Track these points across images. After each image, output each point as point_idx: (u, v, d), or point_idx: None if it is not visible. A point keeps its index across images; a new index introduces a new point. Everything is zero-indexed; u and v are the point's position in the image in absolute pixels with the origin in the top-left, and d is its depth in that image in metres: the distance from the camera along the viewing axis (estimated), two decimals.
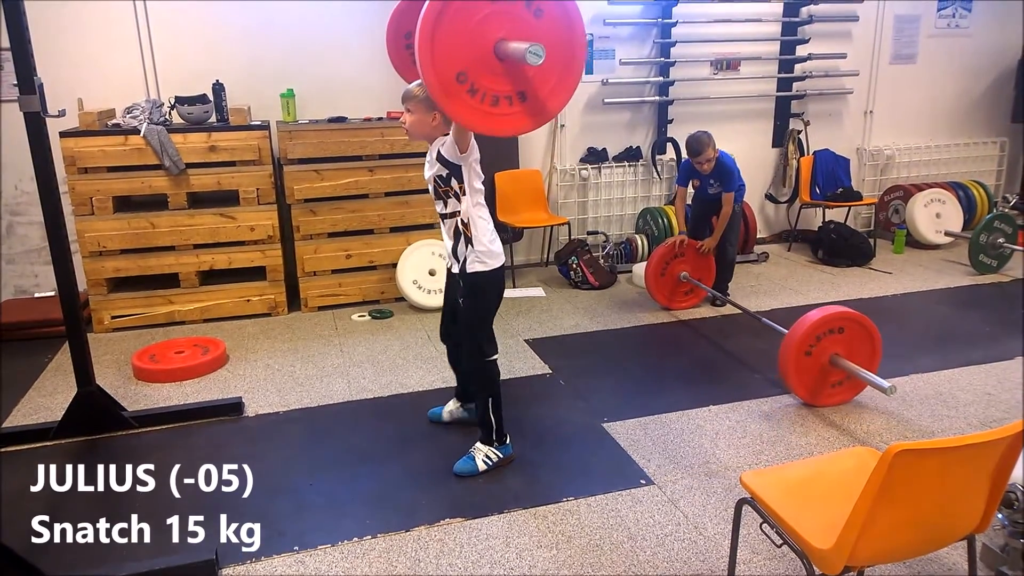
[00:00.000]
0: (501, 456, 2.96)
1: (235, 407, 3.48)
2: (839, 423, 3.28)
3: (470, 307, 2.86)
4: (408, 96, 2.74)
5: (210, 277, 4.80)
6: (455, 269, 2.87)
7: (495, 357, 2.91)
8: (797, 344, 3.30)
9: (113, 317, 4.61)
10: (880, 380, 3.13)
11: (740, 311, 4.47)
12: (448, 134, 2.67)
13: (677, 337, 4.44)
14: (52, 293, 4.84)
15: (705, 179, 4.78)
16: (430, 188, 2.83)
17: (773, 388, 3.64)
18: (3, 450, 3.15)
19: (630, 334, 4.49)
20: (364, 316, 4.82)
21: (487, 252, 2.79)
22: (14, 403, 3.64)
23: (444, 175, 2.73)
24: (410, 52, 3.08)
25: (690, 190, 5.00)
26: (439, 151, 2.71)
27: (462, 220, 2.77)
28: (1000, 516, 2.10)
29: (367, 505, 2.72)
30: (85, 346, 3.21)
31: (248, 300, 4.80)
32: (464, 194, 2.74)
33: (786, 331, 3.46)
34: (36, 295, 4.98)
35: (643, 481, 2.84)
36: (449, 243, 2.86)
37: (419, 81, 2.62)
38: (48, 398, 3.69)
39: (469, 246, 2.78)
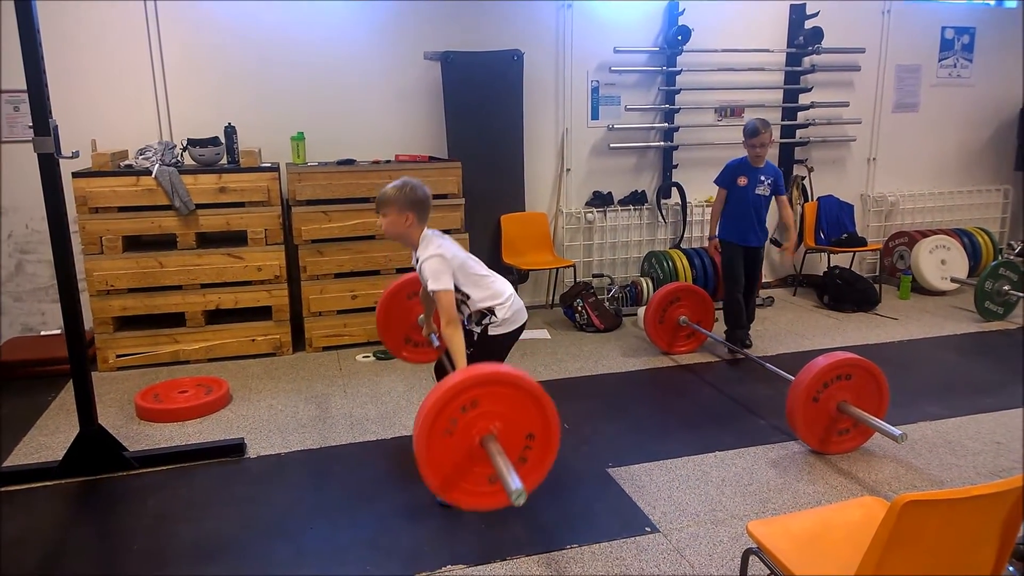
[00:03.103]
0: None
1: (237, 448, 3.46)
2: (847, 471, 3.24)
3: (476, 357, 2.92)
4: (383, 200, 2.84)
5: (216, 317, 4.81)
6: (475, 330, 2.94)
7: None
8: (805, 390, 3.28)
9: (118, 356, 4.62)
10: (891, 428, 3.10)
11: (744, 356, 4.46)
12: (419, 238, 2.85)
13: (683, 382, 4.42)
14: (58, 331, 4.87)
15: (754, 176, 4.56)
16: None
17: (779, 435, 3.60)
18: (3, 490, 3.13)
19: (635, 378, 4.47)
20: (368, 357, 4.81)
21: (508, 319, 2.92)
22: (16, 442, 3.62)
23: None
24: (408, 345, 3.64)
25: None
26: (423, 279, 2.82)
27: (479, 308, 2.88)
28: (1011, 569, 2.06)
29: (367, 550, 2.68)
30: (89, 386, 3.21)
31: (253, 340, 4.81)
32: (469, 296, 2.88)
33: (791, 377, 3.45)
34: (42, 333, 5.00)
35: (648, 529, 2.80)
36: (466, 316, 2.95)
37: (393, 184, 2.81)
38: (50, 437, 3.68)
39: (492, 316, 2.90)
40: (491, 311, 2.88)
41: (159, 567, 2.60)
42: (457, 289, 2.83)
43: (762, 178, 4.59)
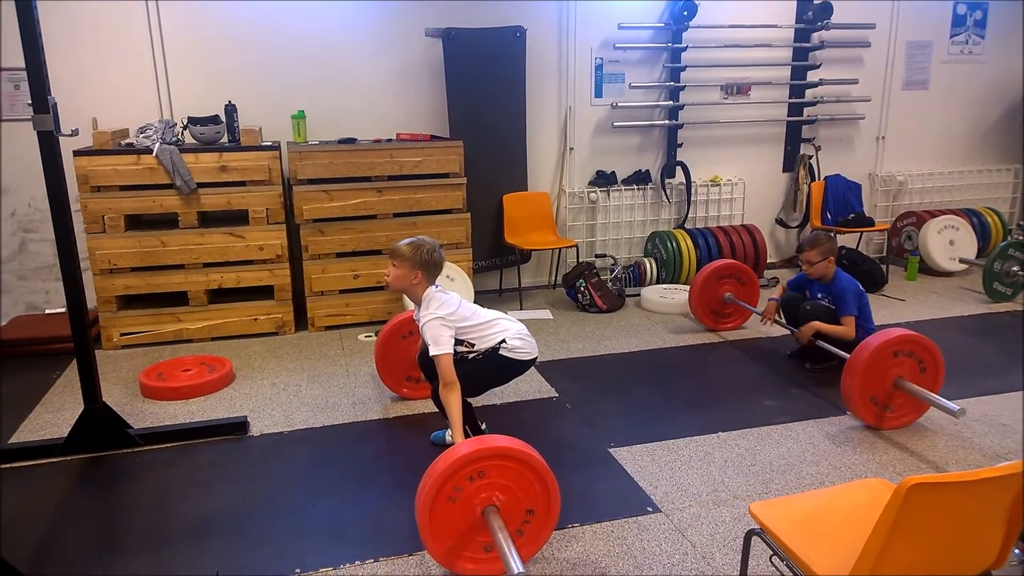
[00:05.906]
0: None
1: (240, 426, 3.46)
2: (850, 453, 3.22)
3: (475, 368, 2.97)
4: (397, 253, 2.92)
5: (218, 296, 4.81)
6: (483, 348, 3.00)
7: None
8: (879, 347, 3.27)
9: (122, 334, 4.62)
10: (948, 403, 3.09)
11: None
12: (423, 296, 2.93)
13: (685, 362, 4.40)
14: (62, 310, 4.86)
15: (813, 285, 4.19)
16: None
17: (781, 416, 3.59)
18: (8, 466, 3.14)
19: (638, 358, 4.45)
20: (371, 336, 4.81)
21: (518, 347, 3.00)
22: (21, 419, 3.64)
23: None
24: (409, 383, 3.80)
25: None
26: (425, 339, 2.89)
27: (490, 346, 2.98)
28: (1017, 552, 2.05)
29: (370, 527, 2.69)
30: (93, 364, 3.21)
31: (256, 319, 4.81)
32: (475, 345, 2.97)
33: (846, 355, 3.45)
34: (47, 311, 5.00)
35: (650, 508, 2.79)
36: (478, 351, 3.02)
37: (409, 240, 2.93)
38: (55, 414, 3.69)
39: (503, 343, 2.98)
40: (501, 342, 2.98)
41: (162, 542, 2.61)
42: (461, 341, 2.94)
43: (820, 296, 4.13)
